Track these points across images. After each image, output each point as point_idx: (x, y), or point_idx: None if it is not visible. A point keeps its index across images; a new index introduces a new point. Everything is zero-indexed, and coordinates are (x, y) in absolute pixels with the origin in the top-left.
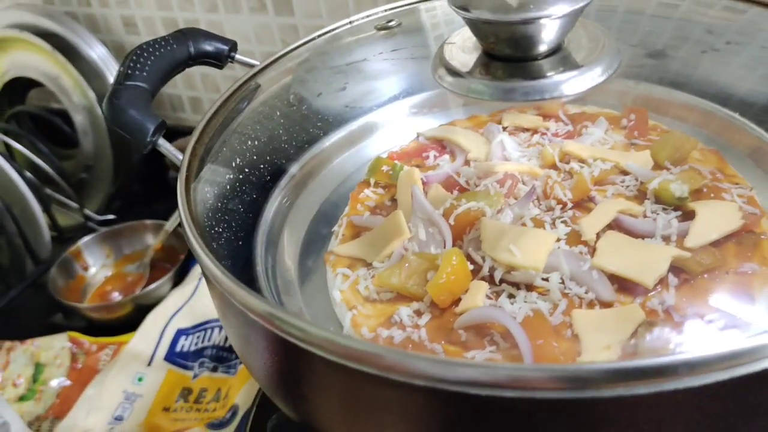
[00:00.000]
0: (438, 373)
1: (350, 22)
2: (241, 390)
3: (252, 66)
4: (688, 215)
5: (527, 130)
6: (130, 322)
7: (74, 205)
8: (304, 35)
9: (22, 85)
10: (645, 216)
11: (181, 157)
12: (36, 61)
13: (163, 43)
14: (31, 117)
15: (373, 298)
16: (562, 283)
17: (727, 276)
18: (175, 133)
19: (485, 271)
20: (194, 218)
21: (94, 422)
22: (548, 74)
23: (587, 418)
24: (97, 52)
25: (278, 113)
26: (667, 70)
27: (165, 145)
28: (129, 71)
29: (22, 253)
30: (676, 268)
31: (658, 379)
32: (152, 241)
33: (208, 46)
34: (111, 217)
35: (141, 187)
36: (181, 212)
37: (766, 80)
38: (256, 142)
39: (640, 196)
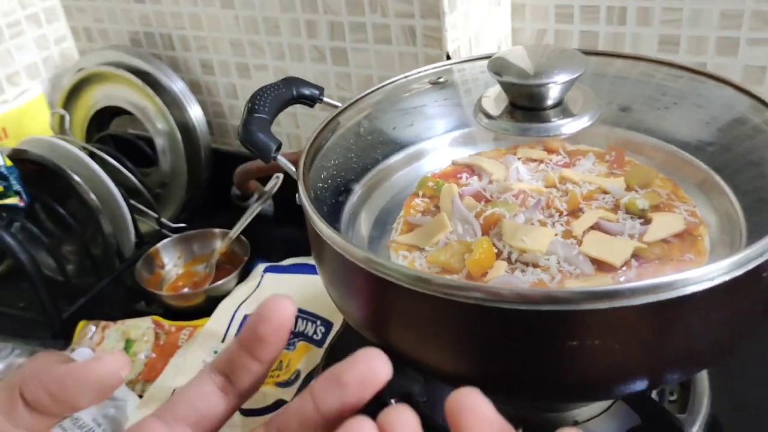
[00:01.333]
0: (482, 294)
1: (405, 77)
2: (300, 360)
3: (336, 107)
4: (648, 221)
5: (536, 160)
6: (202, 309)
7: (153, 214)
8: (356, 83)
9: (107, 114)
10: (618, 221)
11: (294, 168)
12: (126, 93)
13: (275, 87)
14: (113, 140)
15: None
16: (558, 263)
17: (671, 262)
18: (241, 158)
19: (505, 254)
20: (312, 201)
21: (181, 382)
22: (553, 120)
23: (566, 324)
24: (177, 86)
25: (351, 142)
26: (635, 120)
27: (282, 160)
28: (255, 106)
29: (113, 250)
30: (636, 255)
31: (611, 299)
32: (218, 246)
33: (306, 90)
34: (182, 225)
35: (208, 201)
36: (303, 199)
37: (702, 127)
38: (337, 161)
39: (615, 208)
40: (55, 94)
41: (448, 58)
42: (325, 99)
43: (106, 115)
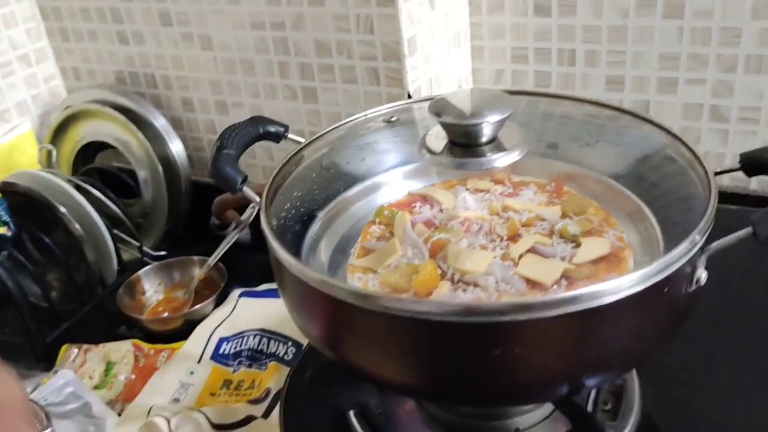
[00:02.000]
0: (417, 308)
1: (365, 116)
2: (271, 379)
3: (299, 142)
4: (579, 245)
5: (483, 191)
6: (180, 333)
7: (135, 243)
8: (325, 119)
9: (93, 148)
10: (552, 245)
11: (258, 198)
12: (111, 129)
13: (242, 126)
14: (98, 172)
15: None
16: (496, 282)
17: (597, 281)
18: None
19: (449, 275)
20: (273, 229)
21: (158, 401)
22: (487, 154)
23: (491, 334)
24: (159, 123)
25: (314, 174)
26: (566, 154)
27: (247, 191)
28: (223, 143)
29: (95, 277)
30: (566, 275)
31: (531, 311)
32: (197, 273)
33: (271, 128)
34: (163, 253)
35: (188, 230)
36: (265, 227)
37: (620, 160)
38: (300, 193)
39: (551, 234)
40: (44, 130)
41: (409, 97)
42: (290, 136)
43: (91, 149)
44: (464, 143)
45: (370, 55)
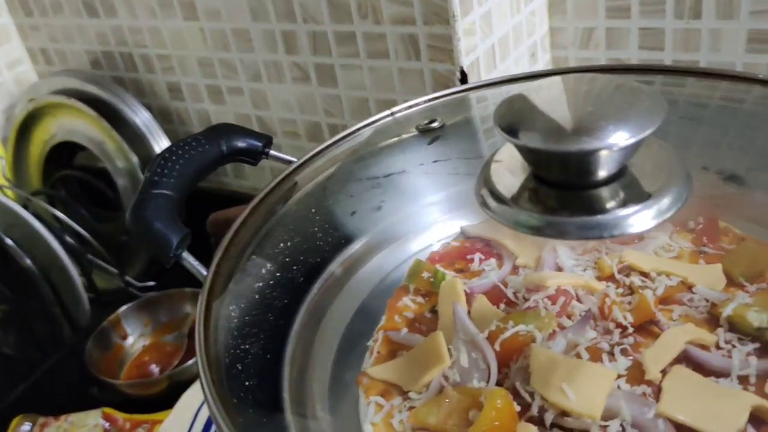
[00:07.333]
0: None
1: (392, 114)
2: None
3: (288, 162)
4: None
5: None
6: (166, 397)
7: (114, 270)
8: (348, 108)
9: (70, 149)
10: (718, 347)
11: (205, 273)
12: (82, 126)
13: (194, 143)
14: (77, 179)
15: None
16: (623, 431)
17: None
18: (218, 198)
19: (534, 410)
20: (209, 355)
21: None
22: (608, 206)
23: None
24: (141, 118)
25: (314, 210)
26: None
27: (189, 260)
28: (156, 177)
29: (60, 321)
30: (757, 419)
31: None
32: (190, 310)
33: (242, 143)
34: (151, 284)
35: None
36: (198, 345)
37: None
38: (288, 244)
39: (712, 319)
40: (10, 127)
41: (463, 75)
42: (273, 153)
43: (66, 150)
44: (562, 182)
45: (405, 17)
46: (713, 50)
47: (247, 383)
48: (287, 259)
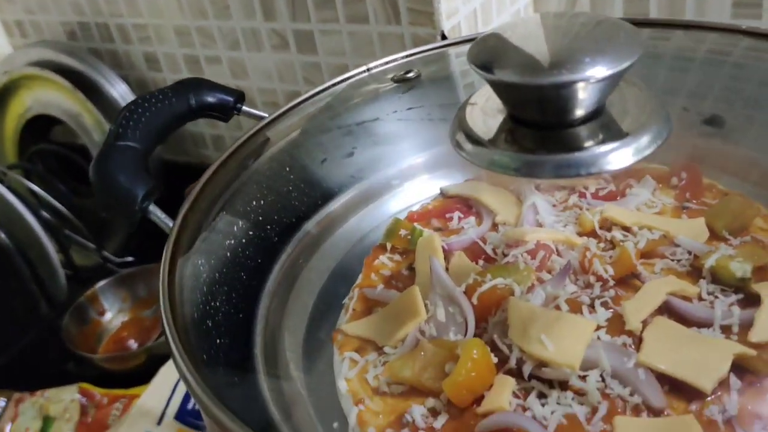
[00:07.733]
0: None
1: (368, 70)
2: None
3: (260, 118)
4: (752, 300)
5: (564, 187)
6: (144, 372)
7: (91, 245)
8: (328, 74)
9: (46, 122)
10: (700, 298)
11: (169, 224)
12: (57, 99)
13: (160, 96)
14: (54, 154)
15: (383, 391)
16: (603, 381)
17: None
18: (198, 172)
19: (512, 363)
20: (175, 310)
21: None
22: (586, 144)
23: None
24: (118, 90)
25: (288, 169)
26: (726, 135)
27: (156, 212)
28: (120, 130)
29: (37, 297)
30: (739, 368)
31: None
32: None
33: (211, 98)
34: (129, 259)
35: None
36: (161, 301)
37: None
38: (261, 202)
39: (694, 272)
40: None
41: (444, 38)
42: (245, 108)
43: (41, 123)
44: (538, 121)
45: None
46: (698, 14)
47: (218, 341)
48: (260, 218)
